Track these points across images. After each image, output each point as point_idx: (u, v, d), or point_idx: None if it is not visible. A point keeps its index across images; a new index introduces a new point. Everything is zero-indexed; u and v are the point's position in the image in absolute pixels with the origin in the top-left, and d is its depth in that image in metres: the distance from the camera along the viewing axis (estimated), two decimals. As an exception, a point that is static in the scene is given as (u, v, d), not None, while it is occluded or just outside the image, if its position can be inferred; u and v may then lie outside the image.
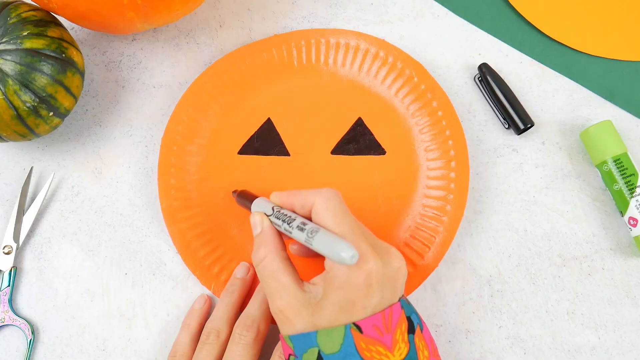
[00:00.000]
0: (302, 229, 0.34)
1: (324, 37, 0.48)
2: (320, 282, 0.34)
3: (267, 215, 0.38)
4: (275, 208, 0.38)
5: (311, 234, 0.33)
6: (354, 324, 0.32)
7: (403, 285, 0.35)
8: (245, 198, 0.41)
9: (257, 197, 0.40)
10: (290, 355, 0.34)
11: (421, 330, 0.35)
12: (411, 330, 0.34)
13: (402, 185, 0.45)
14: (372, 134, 0.46)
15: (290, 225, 0.35)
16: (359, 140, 0.46)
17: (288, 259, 0.36)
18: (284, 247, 0.37)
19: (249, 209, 0.40)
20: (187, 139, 0.46)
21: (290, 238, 0.37)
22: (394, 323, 0.33)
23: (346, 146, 0.46)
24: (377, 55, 0.47)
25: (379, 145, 0.46)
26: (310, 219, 0.36)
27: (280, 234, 0.37)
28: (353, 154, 0.46)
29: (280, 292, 0.34)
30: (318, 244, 0.33)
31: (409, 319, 0.34)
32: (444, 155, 0.45)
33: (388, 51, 0.47)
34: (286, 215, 0.36)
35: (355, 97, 0.47)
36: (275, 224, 0.37)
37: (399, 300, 0.34)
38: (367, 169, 0.45)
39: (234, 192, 0.44)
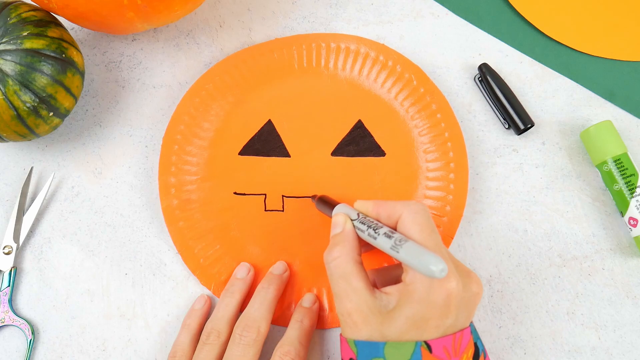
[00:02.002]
0: (389, 237, 0.34)
1: (325, 42, 0.48)
2: (395, 293, 0.34)
3: (351, 220, 0.37)
4: (360, 214, 0.37)
5: (399, 242, 0.33)
6: (425, 342, 0.32)
7: (475, 311, 0.35)
8: (326, 203, 0.41)
9: (338, 202, 0.40)
10: (351, 359, 0.34)
11: (484, 358, 0.35)
12: (476, 357, 0.34)
13: (401, 187, 0.45)
14: (372, 136, 0.46)
15: (377, 231, 0.35)
16: (359, 142, 0.46)
17: (362, 264, 0.36)
18: (360, 252, 0.36)
19: (329, 214, 0.40)
20: (188, 139, 0.46)
21: (367, 247, 0.36)
22: (462, 347, 0.33)
23: (346, 148, 0.46)
24: (377, 59, 0.47)
25: (378, 147, 0.46)
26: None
27: (359, 240, 0.37)
28: (353, 156, 0.46)
29: (350, 295, 0.34)
30: (405, 254, 0.32)
31: (475, 345, 0.34)
32: (443, 157, 0.45)
33: (388, 55, 0.47)
34: (372, 221, 0.36)
35: (355, 100, 0.47)
36: (358, 229, 0.36)
37: (470, 325, 0.34)
38: (367, 171, 0.45)
39: (313, 196, 0.44)
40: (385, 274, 0.39)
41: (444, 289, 0.32)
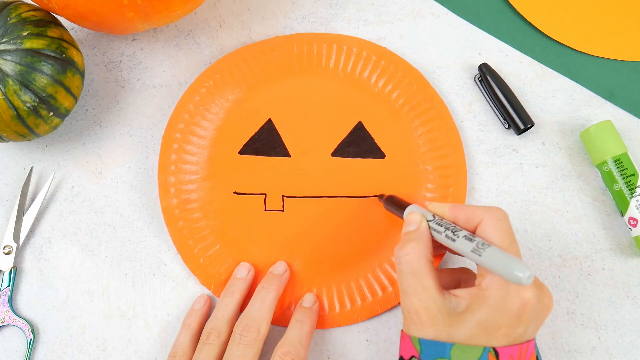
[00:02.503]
0: (470, 240, 0.34)
1: (327, 43, 0.48)
2: (466, 296, 0.33)
3: (427, 220, 0.37)
4: (435, 216, 0.37)
5: (482, 245, 0.33)
6: (494, 348, 0.32)
7: (542, 324, 0.35)
8: (395, 204, 0.41)
9: (409, 203, 0.40)
10: (413, 357, 0.33)
11: None
12: None
13: (401, 188, 0.45)
14: (372, 138, 0.46)
15: (456, 234, 0.35)
16: (359, 144, 0.46)
17: (433, 263, 0.35)
18: (432, 252, 0.36)
19: (398, 214, 0.40)
20: (187, 138, 0.46)
21: (437, 250, 0.36)
22: (527, 358, 0.33)
23: (346, 149, 0.46)
24: (379, 63, 0.47)
25: (378, 149, 0.46)
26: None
27: (432, 240, 0.36)
28: (353, 157, 0.46)
29: (419, 292, 0.34)
30: (489, 258, 0.32)
31: (537, 358, 0.34)
32: (441, 160, 0.45)
33: (389, 60, 0.47)
34: (449, 224, 0.36)
35: (355, 101, 0.47)
36: (434, 230, 0.36)
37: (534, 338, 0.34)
38: (367, 172, 0.45)
39: (381, 195, 0.44)
40: (447, 276, 0.39)
41: (521, 298, 0.32)
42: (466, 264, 0.44)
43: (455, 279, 0.39)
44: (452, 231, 0.35)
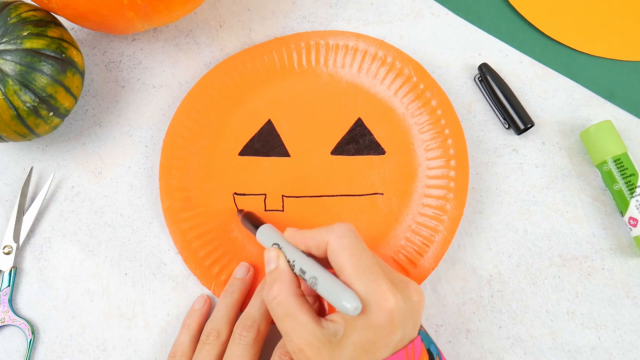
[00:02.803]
0: (303, 274, 0.34)
1: (324, 39, 0.48)
2: (340, 320, 0.33)
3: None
4: (278, 245, 0.37)
5: (313, 285, 0.33)
6: None
7: (420, 318, 0.35)
8: (251, 221, 0.41)
9: (263, 223, 0.40)
10: None
11: (440, 359, 0.35)
12: None
13: (401, 185, 0.45)
14: (371, 134, 0.46)
15: (294, 268, 0.35)
16: (358, 141, 0.46)
17: (303, 296, 0.35)
18: (299, 284, 0.35)
19: (252, 232, 0.40)
20: (188, 140, 0.46)
21: None
22: (416, 358, 0.33)
23: (346, 146, 0.46)
24: (376, 55, 0.47)
25: (378, 145, 0.46)
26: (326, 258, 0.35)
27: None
28: (353, 154, 0.46)
29: (298, 331, 0.33)
30: (322, 292, 0.32)
31: (428, 351, 0.34)
32: (443, 154, 0.45)
33: (387, 51, 0.47)
34: (294, 254, 0.35)
35: (354, 98, 0.47)
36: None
37: (419, 333, 0.34)
38: (367, 169, 0.45)
39: (240, 211, 0.44)
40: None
41: (384, 309, 0.32)
42: (467, 262, 0.44)
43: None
44: (290, 265, 0.35)
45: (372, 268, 0.33)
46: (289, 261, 0.36)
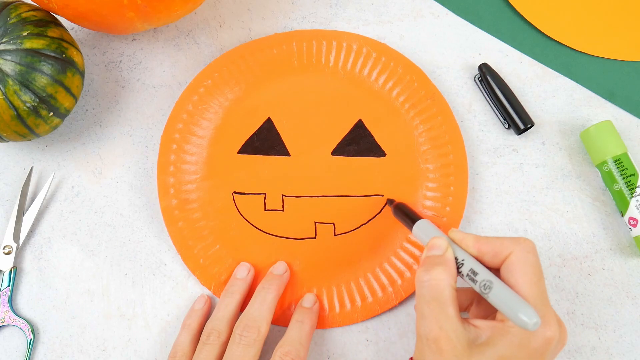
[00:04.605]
0: (473, 280, 0.33)
1: (326, 39, 0.48)
2: (486, 329, 0.33)
3: None
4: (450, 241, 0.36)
5: (485, 288, 0.32)
6: None
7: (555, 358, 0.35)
8: (406, 214, 0.40)
9: (418, 216, 0.39)
10: None
11: None
12: None
13: (402, 187, 0.45)
14: (372, 136, 0.46)
15: (460, 270, 0.34)
16: (359, 142, 0.46)
17: (456, 293, 0.34)
18: (456, 280, 0.35)
19: (407, 224, 0.39)
20: (186, 137, 0.46)
21: None
22: None
23: (346, 147, 0.46)
24: (379, 59, 0.47)
25: (379, 147, 0.46)
26: (497, 268, 0.34)
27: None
28: (353, 156, 0.46)
29: (441, 321, 0.32)
30: (495, 299, 0.32)
31: None
32: (442, 158, 0.45)
33: (389, 56, 0.47)
34: (457, 255, 0.35)
35: (355, 99, 0.47)
36: None
37: None
38: (367, 171, 0.45)
39: (390, 201, 0.43)
40: (462, 294, 0.38)
41: (544, 337, 0.32)
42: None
43: (469, 298, 0.39)
44: (457, 266, 0.34)
45: (546, 294, 0.33)
46: (455, 258, 0.35)
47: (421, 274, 0.34)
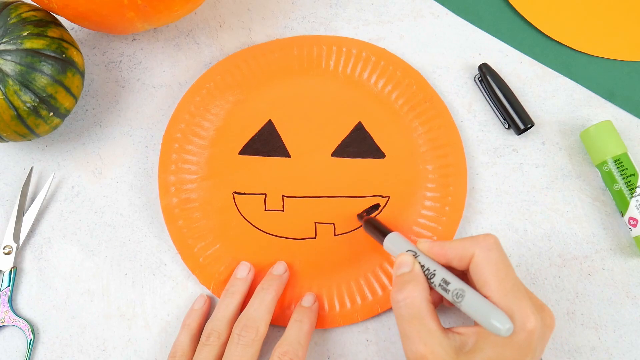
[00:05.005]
0: (445, 289, 0.33)
1: (327, 45, 0.48)
2: (471, 335, 0.33)
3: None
4: (414, 253, 0.36)
5: (457, 297, 0.32)
6: None
7: (547, 343, 0.35)
8: (376, 228, 0.40)
9: (390, 230, 0.39)
10: None
11: None
12: None
13: (402, 188, 0.45)
14: (371, 138, 0.46)
15: (432, 281, 0.34)
16: (359, 144, 0.46)
17: (433, 305, 0.34)
18: (430, 292, 0.35)
19: (378, 239, 0.40)
20: (188, 137, 0.46)
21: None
22: None
23: (346, 149, 0.46)
24: (378, 64, 0.47)
25: (378, 148, 0.46)
26: (466, 271, 0.35)
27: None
28: (353, 157, 0.46)
29: (424, 337, 0.33)
30: (468, 309, 0.32)
31: None
32: (441, 159, 0.45)
33: (388, 60, 0.47)
34: (424, 266, 0.35)
35: (355, 102, 0.47)
36: None
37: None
38: (367, 172, 0.45)
39: (360, 215, 0.43)
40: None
41: (526, 330, 0.32)
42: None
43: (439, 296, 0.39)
44: (428, 277, 0.34)
45: (518, 286, 0.33)
46: (424, 271, 0.35)
47: (395, 295, 0.35)
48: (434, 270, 0.34)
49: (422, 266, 0.35)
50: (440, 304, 0.39)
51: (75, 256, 0.45)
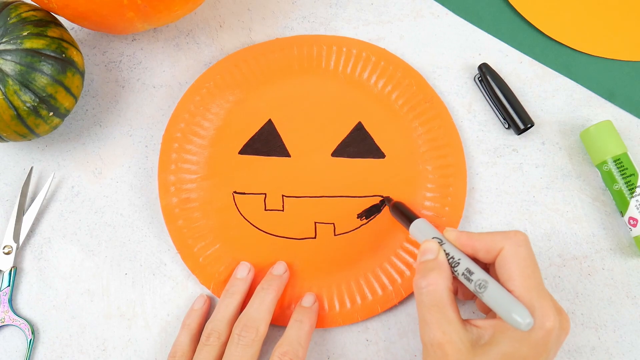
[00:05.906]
0: (469, 279, 0.33)
1: (327, 45, 0.48)
2: (488, 327, 0.33)
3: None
4: (439, 241, 0.36)
5: (480, 288, 0.32)
6: None
7: (560, 347, 0.35)
8: (403, 213, 0.40)
9: (417, 216, 0.39)
10: None
11: None
12: None
13: (401, 188, 0.45)
14: (371, 138, 0.46)
15: (456, 270, 0.34)
16: (359, 144, 0.46)
17: (454, 295, 0.34)
18: (452, 281, 0.35)
19: (404, 224, 0.40)
20: (188, 137, 0.46)
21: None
22: None
23: (346, 149, 0.46)
24: (378, 64, 0.47)
25: (378, 149, 0.46)
26: (489, 265, 0.34)
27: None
28: (353, 157, 0.46)
29: (443, 325, 0.33)
30: (489, 299, 0.32)
31: None
32: (441, 160, 0.45)
33: (388, 61, 0.47)
34: (449, 254, 0.35)
35: (355, 102, 0.47)
36: None
37: None
38: (367, 172, 0.45)
39: (387, 198, 0.43)
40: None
41: (544, 329, 0.32)
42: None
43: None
44: (452, 265, 0.34)
45: (541, 285, 0.33)
46: (449, 259, 0.35)
47: (418, 281, 0.35)
48: (459, 259, 0.35)
49: (447, 254, 0.35)
50: (455, 295, 0.39)
51: (75, 256, 0.45)
